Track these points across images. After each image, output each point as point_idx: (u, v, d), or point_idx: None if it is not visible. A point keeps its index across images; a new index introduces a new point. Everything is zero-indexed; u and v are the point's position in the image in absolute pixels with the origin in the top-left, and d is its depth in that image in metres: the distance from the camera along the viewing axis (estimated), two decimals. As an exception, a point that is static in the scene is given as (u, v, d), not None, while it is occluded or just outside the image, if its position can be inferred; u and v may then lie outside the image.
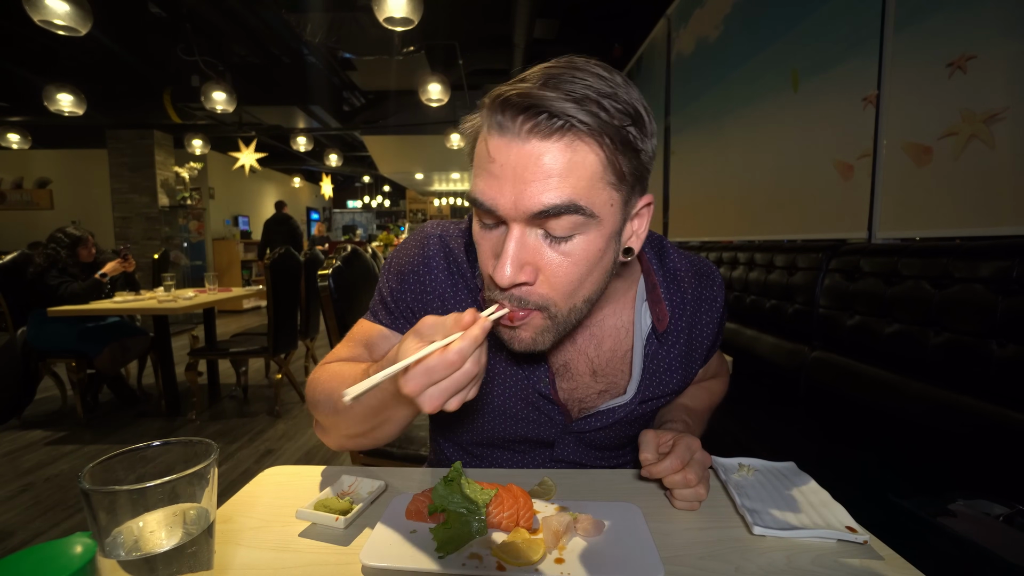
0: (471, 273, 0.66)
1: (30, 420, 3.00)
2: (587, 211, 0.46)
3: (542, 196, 0.45)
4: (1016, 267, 1.06)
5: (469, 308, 0.46)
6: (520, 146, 0.45)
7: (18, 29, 3.90)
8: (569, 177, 0.45)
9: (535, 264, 0.49)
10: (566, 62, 0.48)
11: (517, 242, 0.48)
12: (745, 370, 1.91)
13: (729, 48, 2.54)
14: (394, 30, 2.91)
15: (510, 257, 0.47)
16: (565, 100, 0.44)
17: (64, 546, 0.41)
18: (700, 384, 0.85)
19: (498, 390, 0.68)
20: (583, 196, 0.46)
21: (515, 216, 0.47)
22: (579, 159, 0.45)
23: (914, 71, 1.44)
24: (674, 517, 0.57)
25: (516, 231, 0.48)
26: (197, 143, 5.71)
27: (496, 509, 0.53)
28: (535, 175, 0.45)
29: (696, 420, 0.74)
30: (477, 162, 0.50)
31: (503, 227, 0.50)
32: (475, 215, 0.53)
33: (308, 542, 0.52)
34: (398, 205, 15.08)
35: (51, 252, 2.87)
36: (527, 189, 0.45)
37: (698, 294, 0.70)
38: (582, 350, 0.67)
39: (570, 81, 0.45)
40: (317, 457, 2.54)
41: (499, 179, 0.47)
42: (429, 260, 0.66)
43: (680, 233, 3.24)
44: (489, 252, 0.52)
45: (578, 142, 0.45)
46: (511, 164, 0.46)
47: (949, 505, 0.85)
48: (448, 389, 0.44)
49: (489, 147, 0.47)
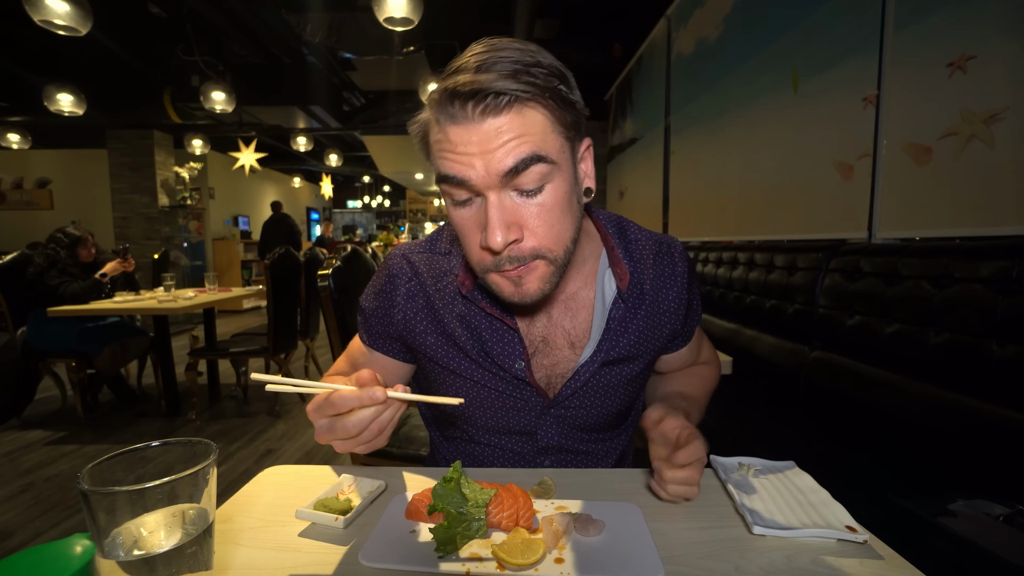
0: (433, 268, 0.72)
1: (30, 420, 3.00)
2: (548, 159, 0.52)
3: (508, 157, 0.51)
4: (1016, 267, 1.06)
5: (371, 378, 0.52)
6: (477, 127, 0.51)
7: (18, 29, 3.90)
8: (526, 136, 0.51)
9: (518, 222, 0.54)
10: (488, 46, 0.53)
11: (497, 207, 0.52)
12: (745, 370, 1.91)
13: (729, 48, 2.54)
14: (394, 30, 2.91)
15: (496, 221, 0.52)
16: (503, 79, 0.50)
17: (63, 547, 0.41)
18: (689, 370, 0.85)
19: (472, 382, 0.71)
20: (541, 147, 0.52)
21: (488, 183, 0.52)
22: (529, 120, 0.51)
23: (914, 71, 1.44)
24: (674, 517, 0.57)
25: (493, 197, 0.52)
26: (197, 143, 5.70)
27: (496, 509, 0.53)
28: (497, 143, 0.51)
29: (692, 405, 0.74)
30: (437, 152, 0.54)
31: (477, 200, 0.54)
32: (447, 199, 0.57)
33: (308, 542, 0.52)
34: (398, 205, 15.07)
35: (51, 252, 2.86)
36: (494, 156, 0.51)
37: (659, 260, 0.74)
38: (558, 323, 0.70)
39: (499, 61, 0.51)
40: (317, 457, 2.54)
41: (465, 156, 0.52)
42: (394, 279, 0.73)
43: (680, 233, 3.24)
44: (472, 227, 0.56)
45: (525, 108, 0.51)
46: (474, 143, 0.51)
47: (949, 505, 0.85)
48: (347, 445, 0.52)
49: (449, 136, 0.52)
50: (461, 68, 0.52)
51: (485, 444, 0.76)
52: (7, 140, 5.22)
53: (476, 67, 0.51)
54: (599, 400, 0.72)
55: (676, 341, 0.80)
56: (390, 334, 0.74)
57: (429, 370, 0.75)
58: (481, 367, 0.70)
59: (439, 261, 0.72)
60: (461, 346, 0.69)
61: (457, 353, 0.70)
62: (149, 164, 6.06)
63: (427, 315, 0.71)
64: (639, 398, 0.84)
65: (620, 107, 4.61)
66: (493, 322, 0.68)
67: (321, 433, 0.51)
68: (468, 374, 0.71)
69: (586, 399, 0.71)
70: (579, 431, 0.74)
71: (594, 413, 0.72)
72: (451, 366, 0.71)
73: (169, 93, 4.93)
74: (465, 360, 0.70)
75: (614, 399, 0.73)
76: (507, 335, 0.68)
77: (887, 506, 0.87)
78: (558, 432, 0.73)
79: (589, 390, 0.71)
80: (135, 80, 4.88)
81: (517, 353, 0.68)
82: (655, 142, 3.61)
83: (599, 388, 0.71)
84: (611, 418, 0.75)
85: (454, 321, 0.69)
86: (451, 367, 0.71)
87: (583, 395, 0.71)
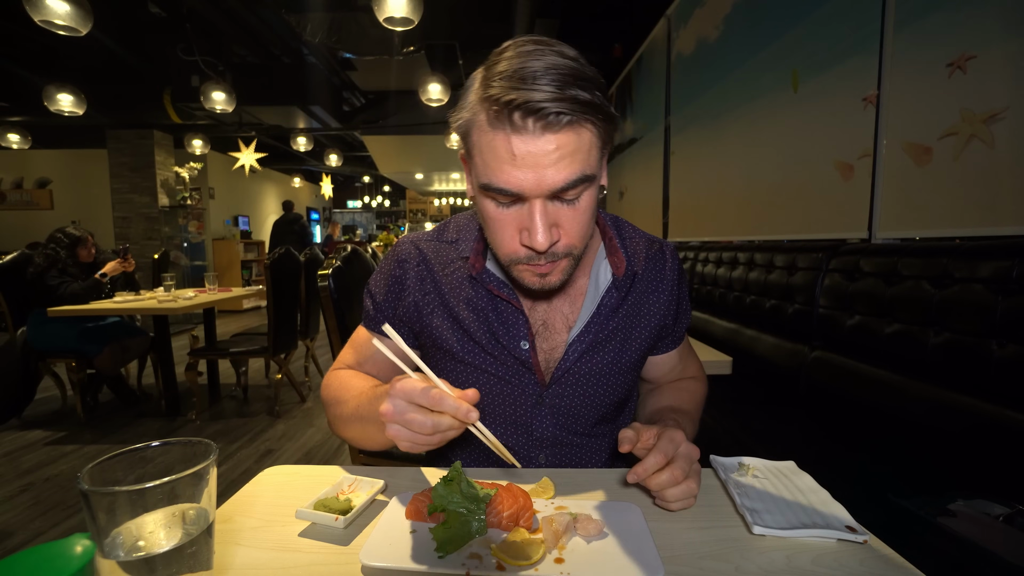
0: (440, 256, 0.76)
1: (30, 420, 3.00)
2: (592, 176, 0.57)
3: (560, 175, 0.54)
4: (1016, 267, 1.06)
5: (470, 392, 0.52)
6: (534, 140, 0.53)
7: (18, 29, 3.90)
8: (577, 155, 0.55)
9: (557, 224, 0.58)
10: (536, 53, 0.54)
11: (541, 212, 0.56)
12: (745, 370, 1.91)
13: (729, 48, 2.54)
14: (394, 30, 2.91)
15: (542, 226, 0.56)
16: (562, 99, 0.51)
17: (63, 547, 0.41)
18: (678, 385, 0.86)
19: (473, 367, 0.73)
20: (588, 166, 0.56)
21: (538, 194, 0.56)
22: (583, 139, 0.55)
23: (914, 71, 1.44)
24: (674, 517, 0.57)
25: (539, 204, 0.56)
26: (197, 143, 5.70)
27: (496, 509, 0.53)
28: (552, 160, 0.54)
29: (684, 418, 0.74)
30: (488, 158, 0.56)
31: (520, 204, 0.58)
32: (489, 199, 0.59)
33: (308, 542, 0.52)
34: (398, 205, 15.07)
35: (51, 252, 2.86)
36: (547, 172, 0.54)
37: (651, 256, 0.79)
38: (558, 308, 0.74)
39: (562, 76, 0.52)
40: (317, 457, 2.54)
41: (520, 168, 0.54)
42: (403, 264, 0.76)
43: (680, 233, 3.24)
44: (510, 223, 0.59)
45: (579, 126, 0.54)
46: (531, 155, 0.54)
47: (949, 505, 0.85)
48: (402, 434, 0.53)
49: (505, 145, 0.54)
50: (519, 75, 0.52)
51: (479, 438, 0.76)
52: (7, 140, 5.22)
53: (535, 77, 0.51)
54: (591, 387, 0.74)
55: (666, 341, 0.82)
56: (400, 318, 0.76)
57: (432, 357, 0.78)
58: (485, 351, 0.72)
59: (446, 249, 0.76)
60: (467, 328, 0.72)
61: (462, 336, 0.73)
62: (149, 164, 6.06)
63: (436, 299, 0.74)
64: (631, 397, 0.85)
65: (620, 107, 4.61)
66: (499, 304, 0.72)
67: (393, 413, 0.51)
68: (471, 359, 0.73)
69: (577, 384, 0.74)
70: (573, 421, 0.75)
71: (586, 401, 0.75)
72: (455, 350, 0.73)
73: (169, 93, 4.93)
74: (470, 343, 0.73)
75: (604, 388, 0.75)
76: (513, 316, 0.71)
77: (887, 506, 0.87)
78: (552, 423, 0.75)
79: (580, 374, 0.73)
80: (135, 80, 4.88)
81: (522, 333, 0.71)
82: (655, 142, 3.61)
83: (590, 374, 0.74)
84: (603, 409, 0.77)
85: (461, 304, 0.73)
86: (455, 352, 0.73)
87: (575, 379, 0.74)
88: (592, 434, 0.78)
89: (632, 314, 0.75)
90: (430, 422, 0.50)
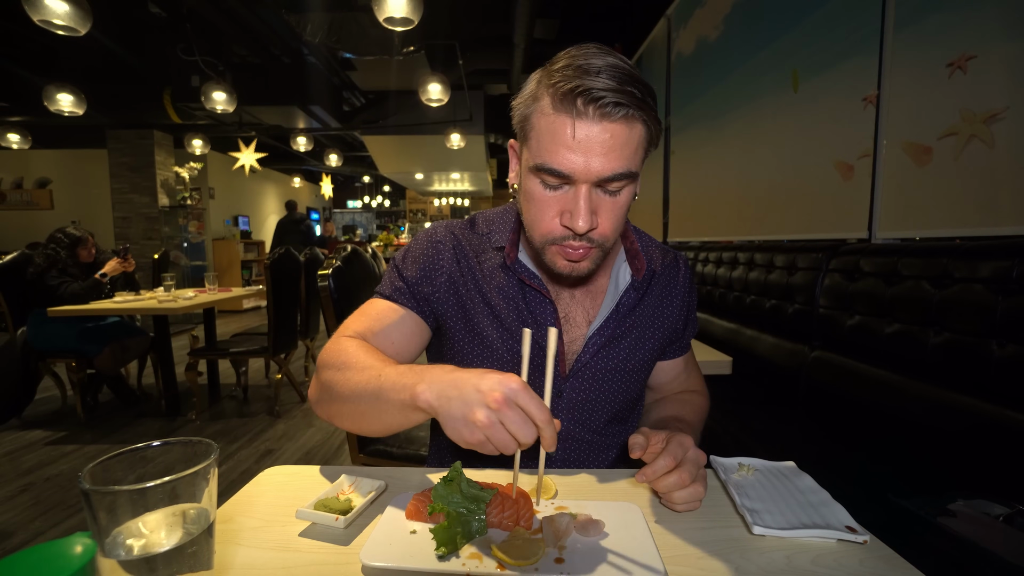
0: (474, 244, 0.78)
1: (30, 420, 3.00)
2: (635, 174, 0.62)
3: (610, 165, 0.59)
4: (1016, 267, 1.06)
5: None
6: (591, 126, 0.58)
7: (18, 29, 3.90)
8: (627, 148, 0.59)
9: (598, 212, 0.63)
10: (598, 54, 0.59)
11: (586, 198, 0.61)
12: (745, 370, 1.91)
13: (729, 48, 2.54)
14: (394, 30, 2.91)
15: (585, 211, 0.60)
16: (620, 91, 0.56)
17: (64, 546, 0.41)
18: (680, 397, 0.88)
19: (498, 355, 0.75)
20: (634, 163, 0.61)
21: (586, 179, 0.60)
22: (634, 134, 0.60)
23: (914, 71, 1.44)
24: (674, 517, 0.57)
25: (585, 190, 0.60)
26: (197, 143, 5.70)
27: (496, 509, 0.53)
28: (604, 149, 0.58)
29: (688, 428, 0.75)
30: (549, 137, 0.60)
31: (566, 188, 0.62)
32: (537, 181, 0.63)
33: (308, 542, 0.52)
34: (398, 205, 15.06)
35: (51, 252, 2.86)
36: (598, 160, 0.58)
37: (666, 264, 0.84)
38: (580, 303, 0.78)
39: (620, 74, 0.57)
40: (317, 457, 2.54)
41: (575, 152, 0.59)
42: (438, 244, 0.78)
43: (680, 233, 3.24)
44: (553, 204, 0.63)
45: (633, 120, 0.59)
46: (586, 141, 0.58)
47: (949, 505, 0.85)
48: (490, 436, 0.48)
49: (571, 128, 0.58)
50: (583, 68, 0.57)
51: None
52: (7, 140, 5.22)
53: (597, 71, 0.57)
54: (606, 383, 0.77)
55: (674, 347, 0.85)
56: (427, 296, 0.77)
57: (457, 341, 0.78)
58: (513, 337, 0.74)
59: (478, 240, 0.79)
60: (498, 314, 0.75)
61: (493, 320, 0.75)
62: (149, 164, 6.06)
63: (471, 281, 0.77)
64: (641, 400, 0.87)
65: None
66: (529, 293, 0.75)
67: (501, 401, 0.47)
68: (499, 344, 0.75)
69: (595, 380, 0.76)
70: (588, 416, 0.77)
71: (601, 398, 0.77)
72: (485, 333, 0.75)
73: (169, 93, 4.93)
74: (500, 328, 0.75)
75: (619, 385, 0.78)
76: (543, 304, 0.75)
77: (887, 506, 0.87)
78: (568, 417, 0.76)
79: (597, 368, 0.76)
80: (135, 80, 4.88)
81: (551, 321, 0.74)
82: (655, 142, 3.61)
83: (606, 370, 0.76)
84: (616, 407, 0.79)
85: (493, 291, 0.76)
86: (485, 335, 0.75)
87: (592, 372, 0.76)
88: (604, 432, 0.80)
89: (647, 315, 0.79)
90: (526, 429, 0.47)
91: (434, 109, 4.59)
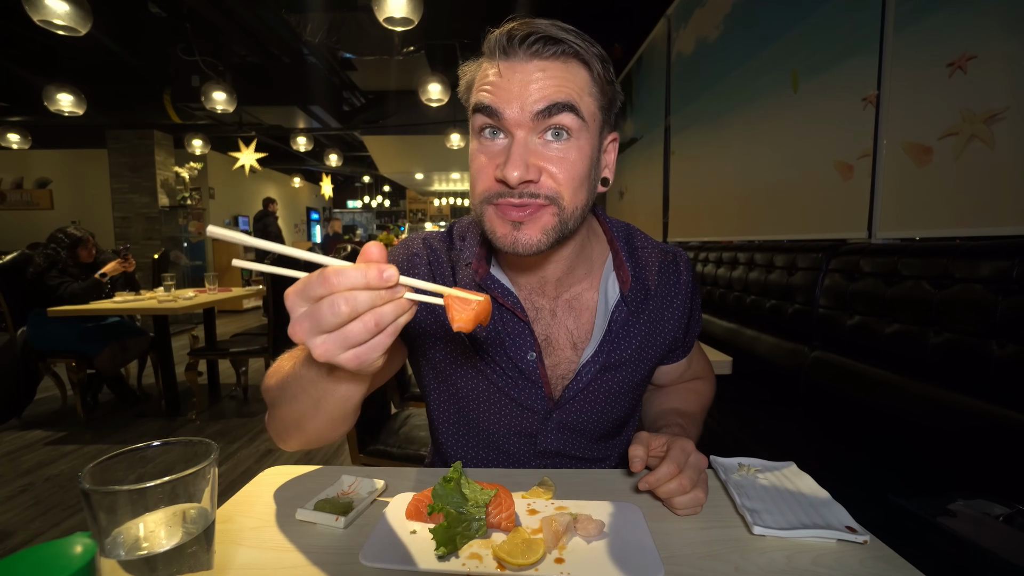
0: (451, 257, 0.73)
1: (30, 420, 3.00)
2: (580, 113, 0.56)
3: (544, 94, 0.54)
4: (1016, 267, 1.06)
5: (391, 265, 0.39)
6: (523, 65, 0.55)
7: (18, 29, 3.90)
8: (565, 84, 0.55)
9: (538, 165, 0.56)
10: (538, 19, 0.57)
11: (521, 145, 0.56)
12: (745, 370, 1.91)
13: (729, 48, 2.53)
14: (394, 30, 2.91)
15: (518, 157, 0.55)
16: (560, 30, 0.55)
17: (64, 546, 0.41)
18: (685, 386, 0.85)
19: (483, 376, 0.70)
20: (576, 99, 0.56)
21: (520, 120, 0.55)
22: (572, 73, 0.56)
23: (914, 71, 1.44)
24: (674, 517, 0.57)
25: (520, 136, 0.56)
26: (197, 143, 5.70)
27: (496, 509, 0.53)
28: (537, 82, 0.55)
29: (689, 422, 0.74)
30: (479, 86, 0.58)
31: (503, 140, 0.58)
32: (475, 131, 0.60)
33: (308, 542, 0.52)
34: (398, 205, 15.07)
35: (51, 252, 2.86)
36: (532, 93, 0.54)
37: (664, 268, 0.75)
38: (562, 323, 0.71)
39: (554, 24, 0.56)
40: (317, 457, 2.54)
41: (505, 90, 0.55)
42: (414, 257, 0.73)
43: (680, 233, 3.24)
44: (489, 162, 0.58)
45: (572, 61, 0.56)
46: (517, 79, 0.55)
47: (949, 505, 0.85)
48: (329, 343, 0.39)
49: (500, 69, 0.56)
50: (518, 21, 0.56)
51: (484, 443, 0.75)
52: (7, 140, 5.22)
53: (533, 22, 0.55)
54: (600, 406, 0.72)
55: (676, 352, 0.80)
56: None
57: (435, 366, 0.74)
58: (493, 361, 0.69)
59: (454, 253, 0.73)
60: (474, 335, 0.69)
61: (467, 346, 0.70)
62: (149, 164, 6.06)
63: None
64: (637, 407, 0.84)
65: (620, 107, 4.61)
66: (504, 313, 0.69)
67: (299, 322, 0.39)
68: (479, 367, 0.70)
69: (588, 404, 0.71)
70: (579, 437, 0.73)
71: (595, 419, 0.72)
72: (463, 357, 0.71)
73: (169, 93, 4.93)
74: (477, 353, 0.70)
75: (615, 406, 0.73)
76: (518, 326, 0.68)
77: (887, 506, 0.87)
78: (558, 438, 0.73)
79: (591, 394, 0.71)
80: (135, 80, 4.88)
81: (528, 344, 0.68)
82: (655, 142, 3.61)
83: (601, 394, 0.71)
84: (610, 426, 0.75)
85: None
86: (462, 358, 0.71)
87: (585, 399, 0.71)
88: (597, 448, 0.76)
89: (644, 331, 0.72)
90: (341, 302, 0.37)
91: (434, 109, 4.59)
